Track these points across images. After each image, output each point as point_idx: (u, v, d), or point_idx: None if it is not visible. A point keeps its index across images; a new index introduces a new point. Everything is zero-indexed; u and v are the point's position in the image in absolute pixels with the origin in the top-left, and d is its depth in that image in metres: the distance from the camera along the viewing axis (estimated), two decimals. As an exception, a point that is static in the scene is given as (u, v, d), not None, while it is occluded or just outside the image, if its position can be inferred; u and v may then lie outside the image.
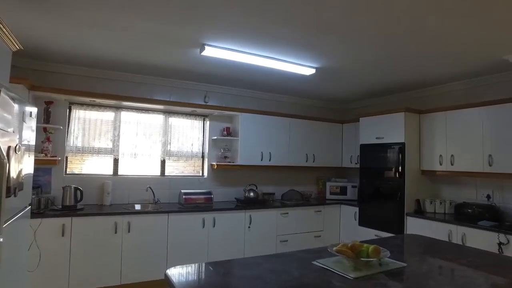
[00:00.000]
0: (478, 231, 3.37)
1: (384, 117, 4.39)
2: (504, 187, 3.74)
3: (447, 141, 3.99)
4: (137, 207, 4.04)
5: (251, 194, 4.62)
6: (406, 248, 2.45)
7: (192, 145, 4.61)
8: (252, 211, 4.31)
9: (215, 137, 4.63)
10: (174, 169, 4.56)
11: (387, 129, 4.34)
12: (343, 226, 5.00)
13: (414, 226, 3.99)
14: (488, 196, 3.86)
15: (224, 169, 4.81)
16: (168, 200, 4.39)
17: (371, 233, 4.45)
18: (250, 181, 5.01)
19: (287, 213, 4.59)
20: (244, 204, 4.46)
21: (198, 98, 4.62)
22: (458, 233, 3.54)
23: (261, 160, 4.73)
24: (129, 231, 3.56)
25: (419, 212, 4.08)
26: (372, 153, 4.55)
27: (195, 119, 4.65)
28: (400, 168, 4.16)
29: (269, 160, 4.80)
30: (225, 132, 4.65)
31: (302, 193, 5.09)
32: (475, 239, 3.39)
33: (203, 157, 4.72)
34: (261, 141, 4.74)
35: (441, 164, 4.04)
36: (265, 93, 5.16)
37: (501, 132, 3.50)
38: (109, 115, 4.13)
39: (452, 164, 3.92)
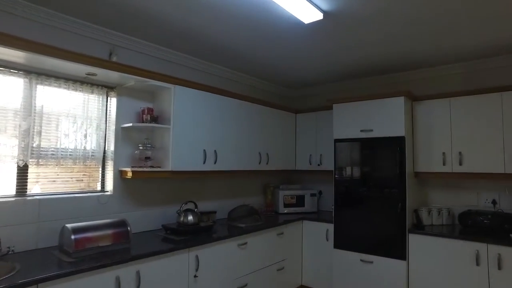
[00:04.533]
0: (521, 251, 2.57)
1: (374, 103, 3.30)
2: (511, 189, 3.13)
3: (453, 136, 3.16)
4: (-43, 273, 1.81)
5: (190, 217, 2.86)
6: None
7: (85, 137, 2.56)
8: (198, 249, 2.58)
9: (129, 124, 2.69)
10: (48, 182, 2.42)
11: (379, 119, 3.27)
12: (310, 250, 3.71)
13: (419, 246, 3.00)
14: (494, 202, 3.20)
15: (145, 179, 2.91)
16: (35, 245, 2.24)
17: (355, 258, 3.30)
18: (186, 196, 3.24)
19: (246, 242, 3.03)
20: (182, 236, 2.68)
21: (97, 54, 2.60)
22: (490, 255, 2.69)
23: (204, 162, 3.03)
24: None
25: (420, 227, 3.14)
26: (355, 151, 3.42)
27: (92, 92, 2.60)
28: (398, 170, 3.13)
29: (215, 163, 3.14)
30: (147, 116, 2.76)
31: (256, 208, 3.59)
32: (516, 262, 2.58)
33: (105, 159, 2.71)
34: (204, 133, 3.04)
35: (444, 164, 3.19)
36: (206, 63, 3.45)
37: (527, 123, 2.83)
38: None
39: (460, 164, 3.10)
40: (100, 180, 2.69)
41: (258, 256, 3.15)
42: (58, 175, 2.47)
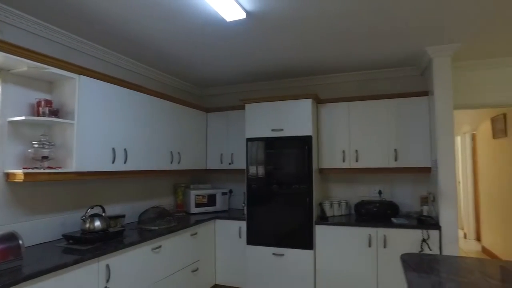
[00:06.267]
0: (399, 231, 3.10)
1: (285, 104, 3.51)
2: (394, 181, 3.73)
3: (350, 136, 3.60)
4: None
5: (97, 223, 2.57)
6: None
7: (-44, 132, 2.04)
8: (109, 257, 2.33)
9: (20, 118, 2.24)
10: None
11: (289, 119, 3.49)
12: (223, 248, 3.73)
13: (324, 235, 3.33)
14: (380, 192, 3.76)
15: (41, 182, 2.47)
16: None
17: (267, 252, 3.47)
18: (92, 200, 2.89)
19: (160, 246, 2.87)
20: (89, 244, 2.38)
21: (-26, 30, 2.11)
22: (379, 237, 3.16)
23: (113, 162, 2.76)
24: None
25: (324, 218, 3.48)
26: (266, 150, 3.58)
27: (-34, 76, 2.09)
28: (306, 167, 3.41)
29: (125, 163, 2.89)
30: (44, 109, 2.35)
31: (168, 210, 3.42)
32: (396, 240, 3.10)
33: (-15, 159, 2.21)
34: (113, 130, 2.77)
35: (344, 161, 3.61)
36: (113, 53, 3.13)
37: (405, 126, 3.42)
38: None
39: (356, 161, 3.56)
40: (-23, 185, 2.18)
41: (173, 259, 3.02)
42: None
